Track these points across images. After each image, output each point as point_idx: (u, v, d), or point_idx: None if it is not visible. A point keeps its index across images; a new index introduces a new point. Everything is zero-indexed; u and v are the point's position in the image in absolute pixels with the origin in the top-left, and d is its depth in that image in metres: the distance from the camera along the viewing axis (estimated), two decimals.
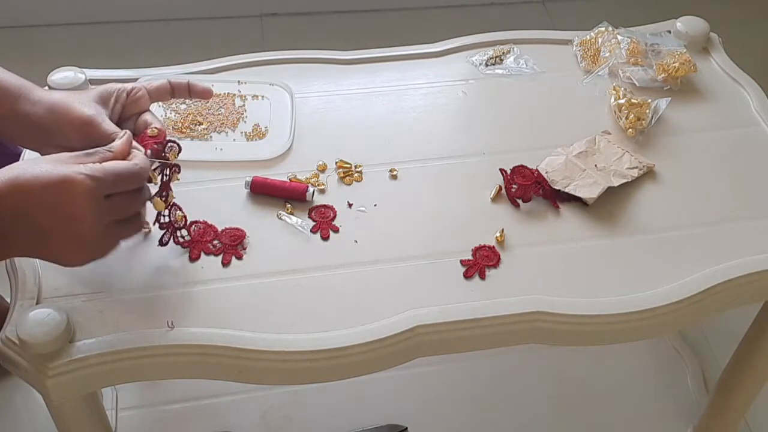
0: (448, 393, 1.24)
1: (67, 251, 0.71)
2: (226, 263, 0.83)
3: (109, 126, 0.77)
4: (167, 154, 0.79)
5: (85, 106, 0.78)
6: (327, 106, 1.01)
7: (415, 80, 1.06)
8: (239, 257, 0.84)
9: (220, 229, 0.85)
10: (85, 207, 0.68)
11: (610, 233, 0.88)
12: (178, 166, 0.81)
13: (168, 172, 0.80)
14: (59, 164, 0.69)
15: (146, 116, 0.82)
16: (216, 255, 0.83)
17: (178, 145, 0.81)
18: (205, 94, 0.86)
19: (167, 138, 0.80)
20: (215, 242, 0.84)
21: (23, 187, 0.67)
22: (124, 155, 0.74)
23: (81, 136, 0.76)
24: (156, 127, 0.80)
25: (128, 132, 0.77)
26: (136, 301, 0.79)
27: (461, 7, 2.11)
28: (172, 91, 0.85)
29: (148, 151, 0.77)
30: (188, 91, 0.86)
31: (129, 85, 0.83)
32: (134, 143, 0.77)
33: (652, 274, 0.84)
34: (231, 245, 0.84)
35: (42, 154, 0.81)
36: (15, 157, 1.07)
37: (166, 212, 0.81)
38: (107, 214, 0.71)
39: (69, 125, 0.77)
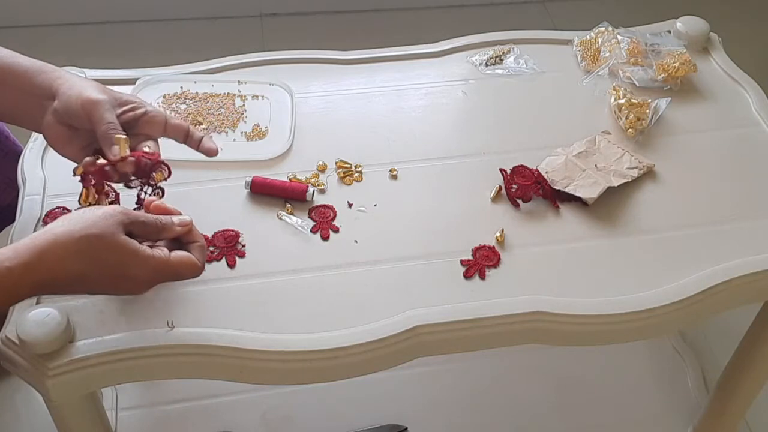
0: (448, 393, 1.24)
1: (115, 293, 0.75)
2: (232, 264, 0.83)
3: (110, 116, 0.79)
4: (154, 174, 0.79)
5: (99, 91, 0.80)
6: (327, 106, 1.01)
7: (415, 80, 1.06)
8: (242, 255, 0.84)
9: (210, 235, 0.85)
10: (143, 287, 0.73)
11: (610, 233, 0.88)
12: (162, 190, 0.81)
13: (149, 192, 0.81)
14: (121, 241, 0.70)
15: (151, 143, 0.82)
16: (218, 260, 0.83)
17: (169, 169, 0.81)
18: (210, 153, 0.86)
19: (159, 160, 0.80)
20: (211, 248, 0.84)
21: (87, 262, 0.69)
22: (172, 235, 0.75)
23: (83, 115, 0.79)
24: (152, 149, 0.81)
25: (186, 221, 0.77)
26: (136, 301, 0.79)
27: (461, 7, 2.11)
28: (186, 136, 0.85)
29: (131, 158, 0.78)
30: (197, 145, 0.86)
31: (152, 107, 0.83)
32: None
33: (652, 274, 0.84)
34: (228, 246, 0.84)
35: (42, 132, 0.83)
36: (15, 156, 1.07)
37: None
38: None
39: (77, 102, 0.79)
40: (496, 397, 1.23)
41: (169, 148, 0.93)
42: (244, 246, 0.84)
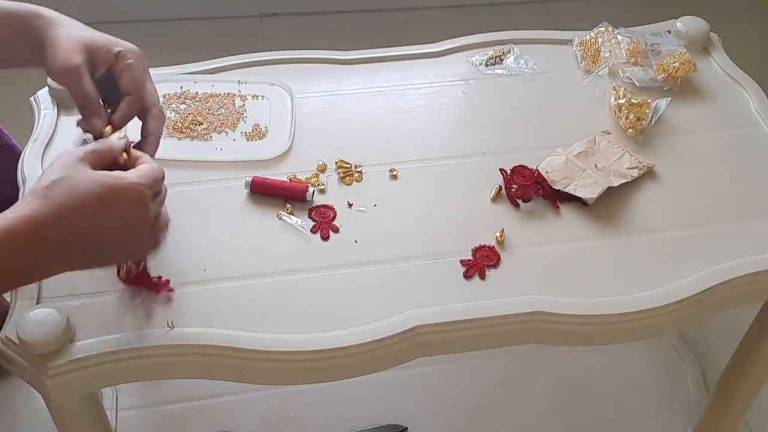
0: (448, 393, 1.24)
1: (125, 253, 0.74)
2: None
3: (87, 86, 0.78)
4: None
5: (71, 54, 0.79)
6: (327, 106, 1.01)
7: (415, 80, 1.06)
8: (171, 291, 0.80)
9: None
10: (144, 205, 0.70)
11: (610, 233, 0.88)
12: None
13: None
14: (96, 177, 0.69)
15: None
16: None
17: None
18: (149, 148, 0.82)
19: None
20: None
21: (76, 211, 0.67)
22: (120, 149, 0.75)
23: (61, 79, 0.79)
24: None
25: (126, 136, 0.77)
26: (136, 301, 0.79)
27: (461, 7, 2.11)
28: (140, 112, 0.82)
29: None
30: (143, 130, 0.82)
31: (122, 49, 0.81)
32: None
33: (652, 274, 0.84)
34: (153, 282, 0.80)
35: (44, 68, 0.83)
36: (9, 150, 1.07)
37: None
38: (154, 212, 0.73)
39: (54, 63, 0.79)
40: (496, 397, 1.23)
41: (168, 149, 0.93)
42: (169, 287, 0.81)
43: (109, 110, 0.81)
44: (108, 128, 0.79)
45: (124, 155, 0.75)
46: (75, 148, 0.72)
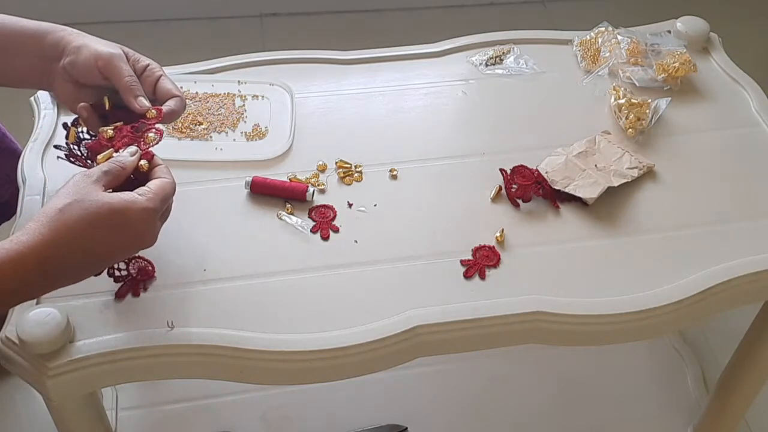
0: (448, 393, 1.24)
1: (126, 255, 0.76)
2: (136, 294, 0.80)
3: (128, 68, 0.81)
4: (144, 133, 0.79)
5: (110, 46, 0.82)
6: (327, 106, 1.01)
7: (415, 80, 1.06)
8: (144, 290, 0.80)
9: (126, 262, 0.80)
10: (152, 227, 0.73)
11: (610, 233, 0.88)
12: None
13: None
14: (108, 200, 0.70)
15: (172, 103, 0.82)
16: (128, 284, 0.80)
17: (161, 135, 0.80)
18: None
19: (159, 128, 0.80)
20: (121, 268, 0.79)
21: (87, 233, 0.69)
22: (133, 167, 0.76)
23: (95, 71, 0.81)
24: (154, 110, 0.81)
25: (138, 149, 0.78)
26: (136, 301, 0.79)
27: (461, 7, 2.11)
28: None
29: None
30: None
31: (150, 62, 0.84)
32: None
33: (652, 274, 0.84)
34: (136, 278, 0.80)
35: (51, 89, 0.86)
36: (10, 153, 1.07)
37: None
38: (161, 223, 0.75)
39: (90, 58, 0.80)
40: (496, 397, 1.23)
41: (168, 149, 0.93)
42: (148, 281, 0.81)
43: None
44: (152, 111, 0.80)
45: (145, 164, 0.76)
46: (89, 170, 0.73)
